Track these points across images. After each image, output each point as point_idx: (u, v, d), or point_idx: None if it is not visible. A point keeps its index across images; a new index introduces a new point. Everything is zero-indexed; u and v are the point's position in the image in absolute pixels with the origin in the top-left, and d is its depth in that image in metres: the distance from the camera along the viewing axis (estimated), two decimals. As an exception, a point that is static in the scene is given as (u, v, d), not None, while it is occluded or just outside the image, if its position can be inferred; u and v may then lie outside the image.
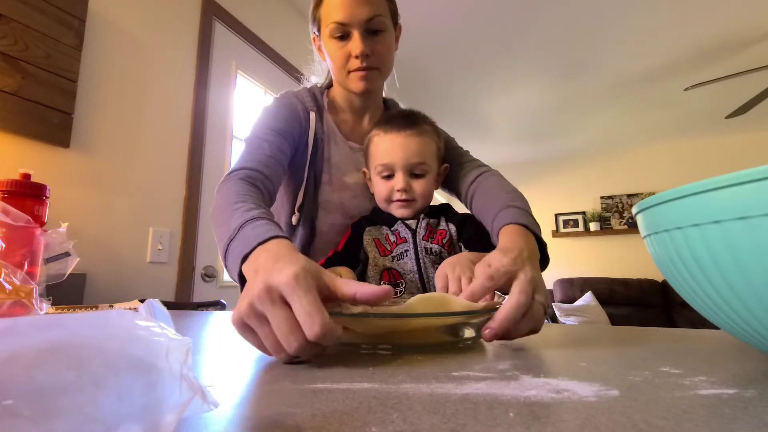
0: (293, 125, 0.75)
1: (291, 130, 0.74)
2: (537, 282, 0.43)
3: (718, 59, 2.87)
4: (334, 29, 0.70)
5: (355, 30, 0.69)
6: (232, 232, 0.47)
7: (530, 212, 0.62)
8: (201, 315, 0.73)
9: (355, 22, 0.69)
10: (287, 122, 0.75)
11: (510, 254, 0.45)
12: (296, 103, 0.78)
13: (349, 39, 0.70)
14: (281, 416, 0.20)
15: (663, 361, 0.32)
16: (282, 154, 0.70)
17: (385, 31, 0.72)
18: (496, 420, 0.19)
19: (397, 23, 0.77)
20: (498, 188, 0.70)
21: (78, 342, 0.12)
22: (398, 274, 0.70)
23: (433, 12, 2.39)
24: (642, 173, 4.74)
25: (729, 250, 0.26)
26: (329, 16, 0.70)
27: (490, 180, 0.73)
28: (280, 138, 0.71)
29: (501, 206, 0.63)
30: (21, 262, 0.54)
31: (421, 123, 0.73)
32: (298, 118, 0.77)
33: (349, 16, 0.68)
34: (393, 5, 0.76)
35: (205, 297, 1.68)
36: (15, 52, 1.14)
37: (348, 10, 0.68)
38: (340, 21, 0.69)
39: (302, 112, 0.78)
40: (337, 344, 0.40)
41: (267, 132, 0.71)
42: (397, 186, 0.71)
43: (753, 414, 0.20)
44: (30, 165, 1.08)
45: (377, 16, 0.70)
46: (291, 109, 0.77)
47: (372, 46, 0.70)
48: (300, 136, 0.77)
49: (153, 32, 1.58)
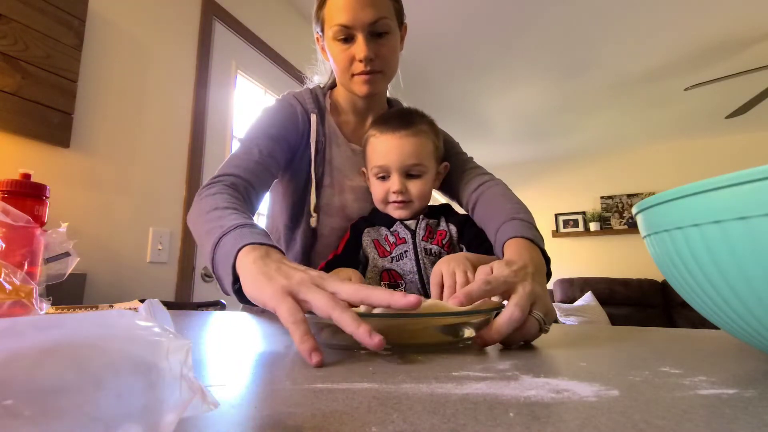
0: (289, 129, 0.75)
1: (286, 135, 0.74)
2: (537, 296, 0.42)
3: (718, 59, 2.87)
4: (337, 32, 0.68)
5: (359, 33, 0.68)
6: (226, 228, 0.48)
7: (535, 225, 0.63)
8: (201, 315, 0.73)
9: (358, 25, 0.67)
10: (283, 126, 0.74)
11: (513, 266, 0.45)
12: (296, 105, 0.78)
13: (353, 42, 0.69)
14: (281, 416, 0.20)
15: (663, 361, 0.32)
16: (272, 159, 0.70)
17: (390, 33, 0.70)
18: (496, 420, 0.19)
19: (402, 23, 0.76)
20: (503, 198, 0.70)
21: (78, 342, 0.12)
22: (398, 275, 0.69)
23: (434, 12, 2.39)
24: (642, 173, 4.74)
25: (729, 250, 0.26)
26: (333, 18, 0.69)
27: (494, 189, 0.73)
28: (272, 143, 0.71)
29: (506, 217, 0.63)
30: (21, 262, 0.54)
31: (417, 122, 0.72)
32: (296, 121, 0.76)
33: (353, 19, 0.67)
34: (398, 5, 0.74)
35: (205, 297, 1.68)
36: (15, 52, 1.14)
37: (352, 13, 0.67)
38: (344, 24, 0.67)
39: (302, 115, 0.77)
40: (337, 345, 0.40)
41: (260, 136, 0.71)
42: (393, 188, 0.71)
43: (753, 414, 0.20)
44: (30, 165, 1.08)
45: (382, 19, 0.68)
46: (289, 112, 0.76)
47: (376, 49, 0.69)
48: (297, 140, 0.76)
49: (153, 32, 1.58)
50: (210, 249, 0.49)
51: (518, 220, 0.62)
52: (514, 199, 0.70)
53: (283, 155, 0.74)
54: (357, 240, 0.74)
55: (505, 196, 0.71)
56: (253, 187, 0.66)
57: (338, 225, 0.79)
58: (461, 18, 2.46)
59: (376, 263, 0.71)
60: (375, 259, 0.71)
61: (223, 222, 0.50)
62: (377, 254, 0.71)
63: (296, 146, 0.77)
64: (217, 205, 0.55)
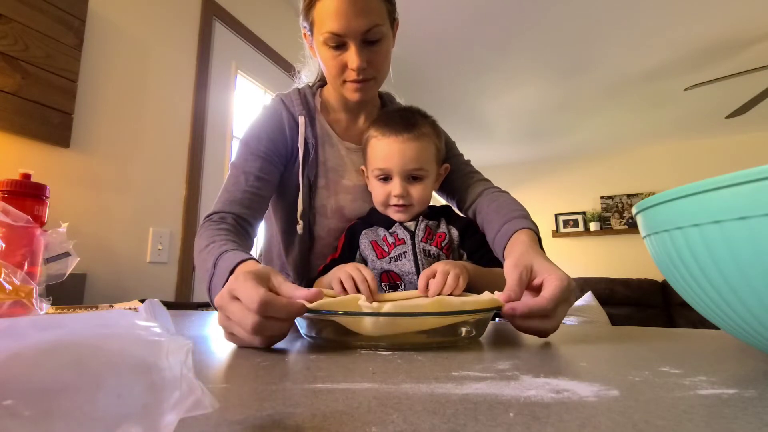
0: (278, 141, 0.74)
1: (274, 148, 0.74)
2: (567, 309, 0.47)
3: (718, 59, 2.87)
4: (328, 38, 0.65)
5: (352, 41, 0.65)
6: (210, 270, 0.56)
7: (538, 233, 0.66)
8: (201, 315, 0.73)
9: (351, 34, 0.64)
10: (269, 140, 0.73)
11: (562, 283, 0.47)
12: (282, 110, 0.76)
13: (344, 49, 0.66)
14: (281, 416, 0.20)
15: (663, 361, 0.32)
16: (261, 181, 0.71)
17: (383, 39, 0.68)
18: (496, 420, 0.19)
19: (394, 20, 0.72)
20: (511, 202, 0.72)
21: (78, 342, 0.12)
22: (397, 276, 0.69)
23: (433, 12, 2.39)
24: (642, 173, 4.74)
25: (729, 250, 0.26)
26: (324, 24, 0.65)
27: (496, 195, 0.75)
28: (260, 162, 0.72)
29: (516, 215, 0.66)
30: (21, 262, 0.54)
31: (419, 125, 0.71)
32: (282, 130, 0.75)
33: (346, 28, 0.64)
34: (391, 5, 0.70)
35: (205, 297, 1.68)
36: (15, 52, 1.14)
37: (344, 21, 0.63)
38: (336, 32, 0.64)
39: (288, 121, 0.75)
40: (338, 345, 0.40)
41: (248, 159, 0.72)
42: (394, 192, 0.70)
43: (753, 414, 0.20)
44: (30, 165, 1.08)
45: (375, 27, 0.65)
46: (276, 121, 0.75)
47: (369, 57, 0.67)
48: (288, 148, 0.75)
49: (153, 32, 1.58)
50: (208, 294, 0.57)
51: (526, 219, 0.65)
52: (520, 206, 0.72)
53: (276, 170, 0.74)
54: (353, 242, 0.74)
55: (511, 200, 0.73)
56: (242, 218, 0.68)
57: (336, 226, 0.78)
58: (461, 18, 2.46)
59: (374, 265, 0.70)
60: (373, 261, 0.71)
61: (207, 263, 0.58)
62: (375, 256, 0.71)
63: (287, 154, 0.76)
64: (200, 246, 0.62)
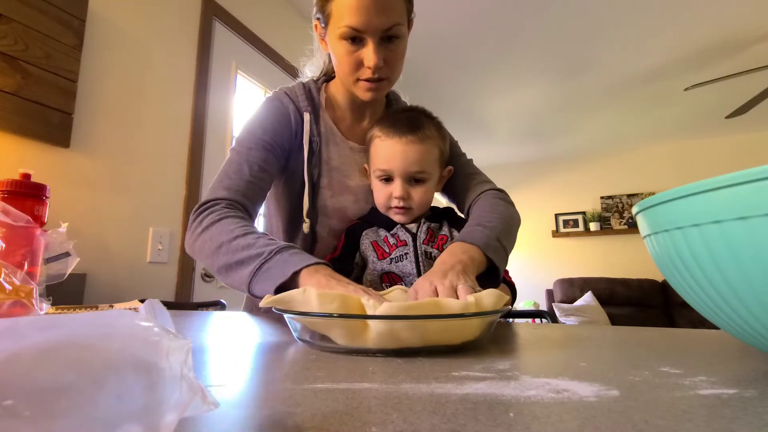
0: (283, 133, 0.73)
1: (279, 140, 0.72)
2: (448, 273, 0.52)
3: (718, 59, 2.87)
4: (346, 32, 0.64)
5: (370, 38, 0.64)
6: (265, 256, 0.54)
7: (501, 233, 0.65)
8: (201, 315, 0.73)
9: (371, 30, 0.63)
10: (276, 131, 0.72)
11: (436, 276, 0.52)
12: (288, 104, 0.74)
13: (362, 44, 0.65)
14: (281, 416, 0.20)
15: (663, 361, 0.32)
16: (264, 172, 0.69)
17: (401, 38, 0.67)
18: (496, 420, 0.19)
19: (410, 20, 0.71)
20: (489, 211, 0.71)
21: (78, 342, 0.12)
22: (397, 277, 0.69)
23: (434, 12, 2.39)
24: (642, 173, 4.74)
25: (729, 250, 0.26)
26: (342, 17, 0.63)
27: (487, 200, 0.75)
28: (264, 152, 0.70)
29: (473, 225, 0.67)
30: (21, 262, 0.54)
31: (424, 127, 0.71)
32: (288, 123, 0.74)
33: (366, 24, 0.63)
34: (410, 4, 0.70)
35: (205, 297, 1.68)
36: (15, 52, 1.14)
37: (365, 17, 0.62)
38: (355, 27, 0.63)
39: (294, 114, 0.74)
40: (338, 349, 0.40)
41: (251, 147, 0.70)
42: (395, 194, 0.70)
43: (753, 414, 0.20)
44: (30, 165, 1.08)
45: (396, 25, 0.64)
46: (281, 113, 0.74)
47: (386, 55, 0.66)
48: (291, 142, 0.74)
49: (153, 32, 1.58)
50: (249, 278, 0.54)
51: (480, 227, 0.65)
52: (497, 209, 0.71)
53: (278, 162, 0.73)
54: (353, 243, 0.74)
55: (492, 206, 0.72)
56: (245, 209, 0.67)
57: (337, 226, 0.78)
58: (461, 17, 2.46)
59: (375, 266, 0.70)
60: (374, 261, 0.71)
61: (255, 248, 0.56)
62: (376, 257, 0.71)
63: (290, 148, 0.74)
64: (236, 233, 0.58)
